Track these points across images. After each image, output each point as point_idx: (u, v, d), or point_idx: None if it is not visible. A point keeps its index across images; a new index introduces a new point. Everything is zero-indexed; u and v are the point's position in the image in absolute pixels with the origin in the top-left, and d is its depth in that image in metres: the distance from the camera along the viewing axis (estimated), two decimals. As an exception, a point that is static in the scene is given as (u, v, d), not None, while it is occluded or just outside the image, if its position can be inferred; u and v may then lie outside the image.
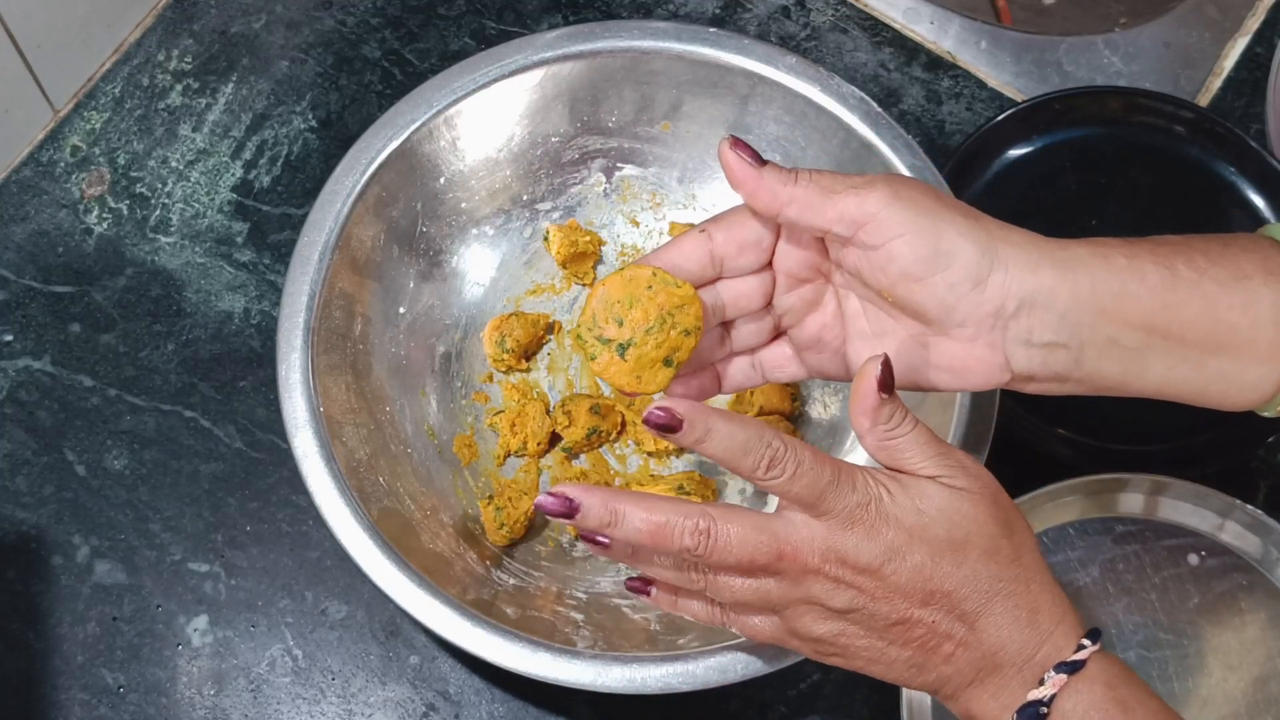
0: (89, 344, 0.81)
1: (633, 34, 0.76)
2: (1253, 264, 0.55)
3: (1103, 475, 0.74)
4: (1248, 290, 0.55)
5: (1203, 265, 0.55)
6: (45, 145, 0.86)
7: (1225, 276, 0.55)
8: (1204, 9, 0.92)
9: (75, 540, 0.77)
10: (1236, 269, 0.55)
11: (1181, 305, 0.55)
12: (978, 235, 0.55)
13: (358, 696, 0.74)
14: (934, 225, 0.54)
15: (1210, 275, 0.55)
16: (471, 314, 0.79)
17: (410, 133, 0.74)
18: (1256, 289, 0.55)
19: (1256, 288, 0.55)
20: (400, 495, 0.71)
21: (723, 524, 0.52)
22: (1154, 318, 0.55)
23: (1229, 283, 0.55)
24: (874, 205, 0.54)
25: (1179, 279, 0.55)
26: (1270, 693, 0.72)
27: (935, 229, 0.54)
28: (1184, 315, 0.55)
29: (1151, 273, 0.55)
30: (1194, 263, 0.55)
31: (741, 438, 0.51)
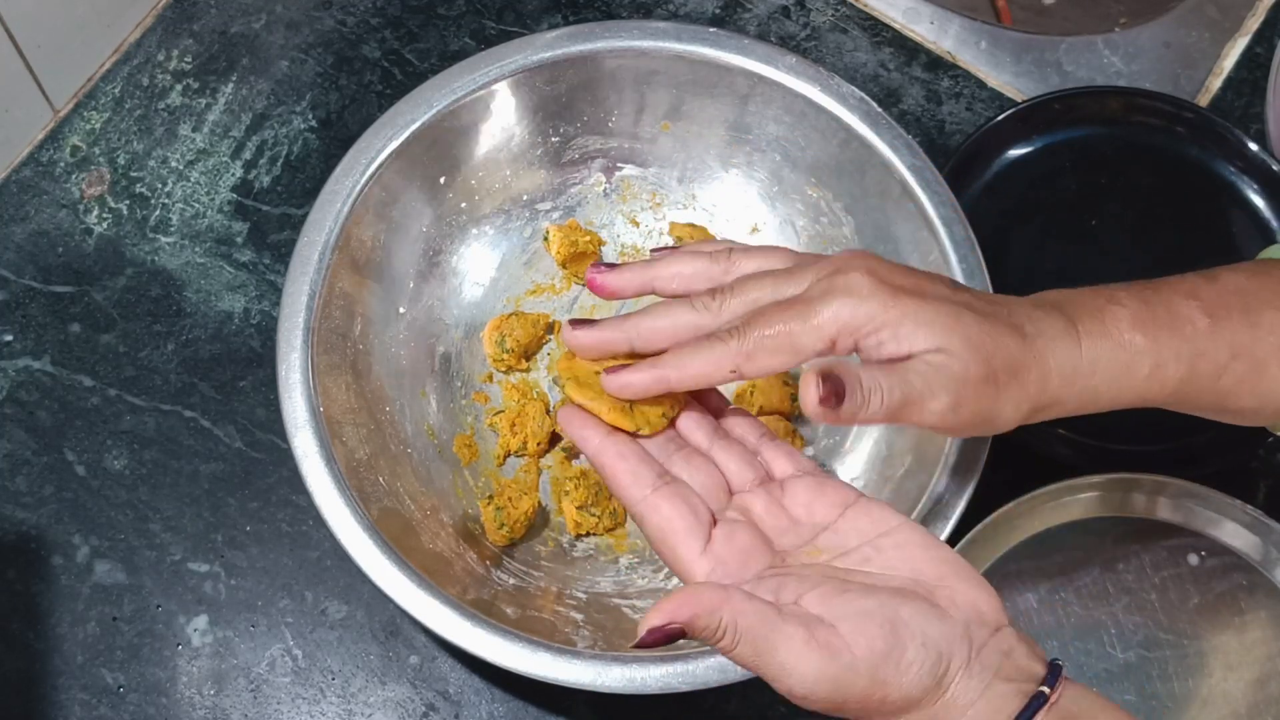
0: (89, 344, 0.81)
1: (633, 34, 0.76)
2: (1272, 346, 0.56)
3: (1103, 475, 0.74)
4: (1264, 380, 0.56)
5: (1224, 361, 0.56)
6: (45, 145, 0.86)
7: (1243, 372, 0.56)
8: (1204, 9, 0.92)
9: (75, 540, 0.77)
10: (1258, 362, 0.56)
11: (1194, 399, 0.57)
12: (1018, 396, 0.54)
13: (358, 696, 0.74)
14: (979, 416, 0.53)
15: (1230, 371, 0.56)
16: (471, 314, 0.79)
17: (410, 133, 0.74)
18: (1271, 378, 0.56)
19: (1272, 376, 0.56)
20: (400, 495, 0.71)
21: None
22: (1165, 404, 0.57)
23: (1246, 377, 0.56)
24: (935, 421, 0.52)
25: (1197, 379, 0.56)
26: (1270, 693, 0.72)
27: (982, 418, 0.53)
28: (1195, 404, 0.57)
29: (1171, 381, 0.56)
30: (1216, 360, 0.56)
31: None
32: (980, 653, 0.48)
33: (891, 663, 0.47)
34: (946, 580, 0.50)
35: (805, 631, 0.47)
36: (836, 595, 0.48)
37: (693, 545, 0.51)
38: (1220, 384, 0.56)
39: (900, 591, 0.49)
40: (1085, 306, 0.55)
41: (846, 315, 0.51)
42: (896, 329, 0.52)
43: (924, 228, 0.72)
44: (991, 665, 0.48)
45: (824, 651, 0.47)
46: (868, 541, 0.52)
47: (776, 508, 0.53)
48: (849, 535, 0.52)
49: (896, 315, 0.52)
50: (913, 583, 0.50)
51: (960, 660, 0.48)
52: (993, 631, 0.49)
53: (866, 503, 0.53)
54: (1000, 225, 0.83)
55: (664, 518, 0.51)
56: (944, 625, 0.48)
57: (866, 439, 0.75)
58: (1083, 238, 0.84)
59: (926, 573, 0.50)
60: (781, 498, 0.53)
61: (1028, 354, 0.53)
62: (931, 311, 0.52)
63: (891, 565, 0.51)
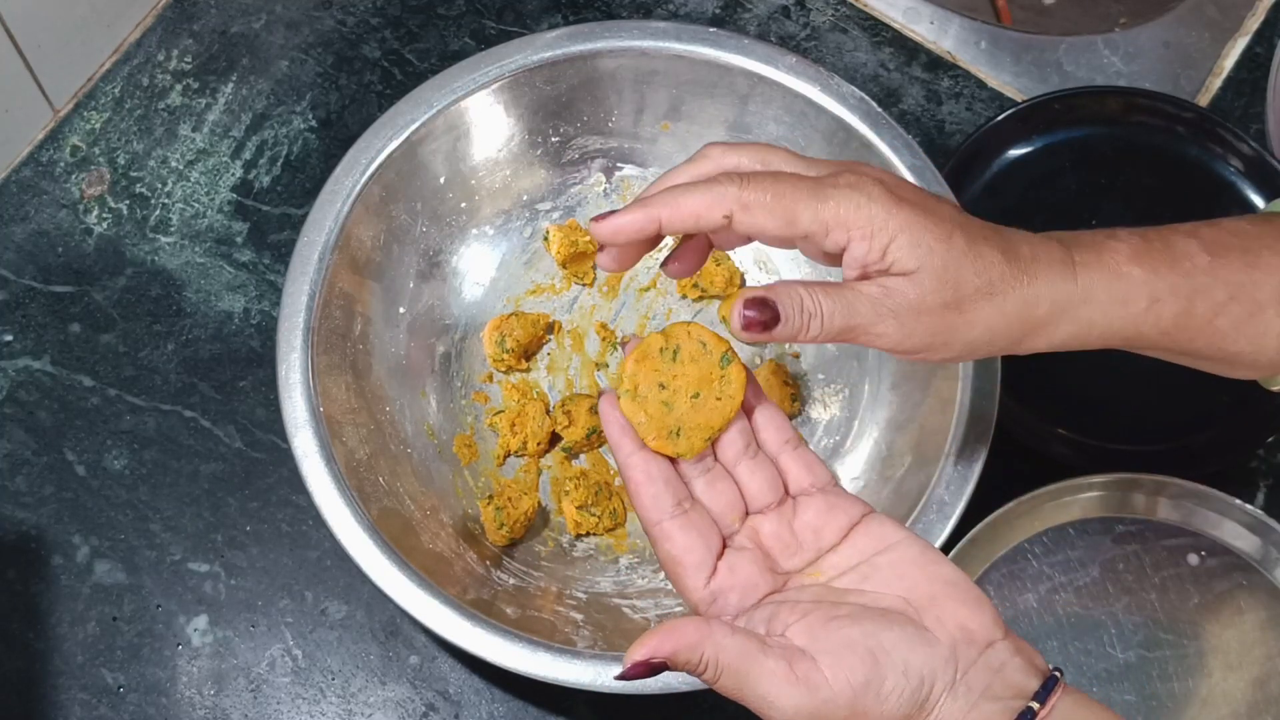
0: (89, 344, 0.81)
1: (633, 34, 0.76)
2: (1271, 291, 0.55)
3: (1103, 475, 0.74)
4: (1259, 324, 0.56)
5: (1222, 300, 0.55)
6: (45, 145, 0.86)
7: (1240, 313, 0.55)
8: (1204, 9, 0.92)
9: (75, 540, 0.77)
10: (1255, 303, 0.55)
11: (1190, 339, 0.56)
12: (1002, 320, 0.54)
13: (358, 696, 0.74)
14: (934, 340, 0.53)
15: (1226, 311, 0.55)
16: (471, 314, 0.79)
17: (410, 133, 0.74)
18: (1268, 322, 0.56)
19: (1269, 320, 0.56)
20: (400, 495, 0.71)
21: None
22: (1159, 345, 0.56)
23: (1243, 319, 0.55)
24: (884, 344, 0.53)
25: (1194, 317, 0.55)
26: (1270, 693, 0.72)
27: (939, 342, 0.53)
28: (1190, 345, 0.56)
29: (1168, 315, 0.55)
30: (1214, 298, 0.55)
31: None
32: (967, 674, 0.49)
33: (871, 693, 0.48)
34: (938, 600, 0.50)
35: (786, 667, 0.48)
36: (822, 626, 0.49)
37: (698, 579, 0.52)
38: (1216, 324, 0.55)
39: (887, 616, 0.50)
40: (1084, 240, 0.56)
41: (848, 211, 0.52)
42: (890, 239, 0.52)
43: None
44: (979, 686, 0.49)
45: (803, 686, 0.48)
46: (865, 560, 0.52)
47: (786, 531, 0.54)
48: (849, 555, 0.53)
49: (896, 226, 0.52)
50: (903, 603, 0.50)
51: (944, 684, 0.48)
52: (982, 650, 0.49)
53: (871, 519, 0.54)
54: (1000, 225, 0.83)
55: (675, 547, 0.52)
56: (928, 651, 0.49)
57: (866, 439, 0.75)
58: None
59: (919, 591, 0.51)
60: (793, 519, 0.54)
61: (1014, 276, 0.53)
62: (923, 228, 0.52)
63: (886, 583, 0.51)
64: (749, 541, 0.53)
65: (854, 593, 0.51)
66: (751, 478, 0.54)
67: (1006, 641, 0.50)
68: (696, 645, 0.48)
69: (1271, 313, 0.55)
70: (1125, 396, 0.78)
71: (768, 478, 0.54)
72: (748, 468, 0.54)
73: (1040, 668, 0.50)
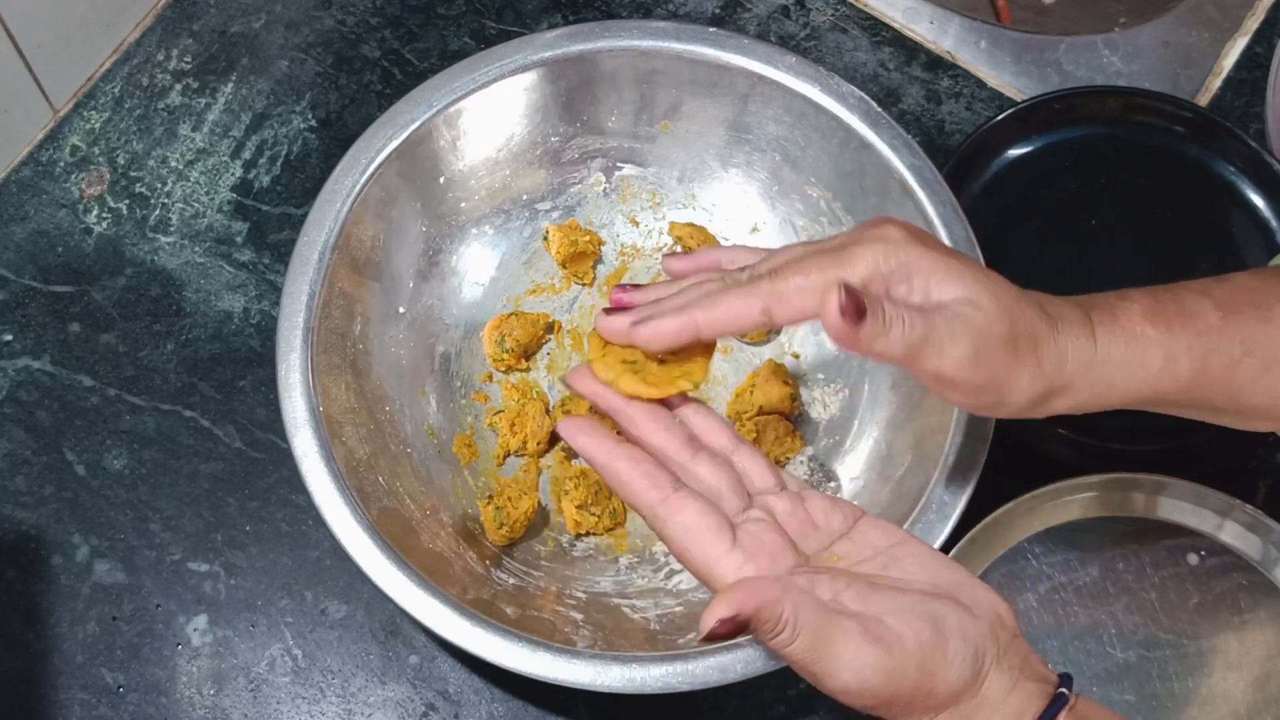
0: (89, 344, 0.81)
1: (633, 34, 0.76)
2: None
3: (1103, 475, 0.74)
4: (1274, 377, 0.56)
5: (1237, 355, 0.55)
6: (45, 145, 0.86)
7: (1256, 368, 0.56)
8: (1204, 9, 0.92)
9: (75, 540, 0.77)
10: (1269, 357, 0.56)
11: (1207, 395, 0.56)
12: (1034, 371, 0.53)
13: (357, 696, 0.74)
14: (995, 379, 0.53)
15: (1243, 367, 0.55)
16: (471, 314, 0.79)
17: (410, 133, 0.74)
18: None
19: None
20: (400, 495, 0.71)
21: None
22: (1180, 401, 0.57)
23: (1259, 374, 0.56)
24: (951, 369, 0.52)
25: (1210, 373, 0.55)
26: (1270, 692, 0.72)
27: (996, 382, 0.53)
28: (1207, 400, 0.56)
29: (1184, 374, 0.55)
30: (1229, 354, 0.55)
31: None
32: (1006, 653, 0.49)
33: (939, 653, 0.47)
34: (963, 587, 0.51)
35: (859, 625, 0.47)
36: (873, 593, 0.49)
37: (720, 542, 0.50)
38: (1233, 378, 0.56)
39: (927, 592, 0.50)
40: (1098, 302, 0.56)
41: (879, 260, 0.51)
42: (928, 277, 0.52)
43: (924, 227, 0.72)
44: (1016, 664, 0.49)
45: (880, 645, 0.47)
46: (881, 552, 0.52)
47: (801, 510, 0.53)
48: (863, 546, 0.53)
49: (929, 264, 0.52)
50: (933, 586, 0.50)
51: (992, 656, 0.49)
52: (1012, 636, 0.50)
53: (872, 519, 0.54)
54: (1000, 225, 0.83)
55: (688, 515, 0.51)
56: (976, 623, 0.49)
57: (866, 439, 0.75)
58: (1082, 238, 0.84)
59: (943, 579, 0.51)
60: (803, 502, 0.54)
61: (1048, 330, 0.53)
62: (962, 266, 0.52)
63: (910, 572, 0.51)
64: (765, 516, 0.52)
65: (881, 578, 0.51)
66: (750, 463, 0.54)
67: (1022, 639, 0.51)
68: (778, 600, 0.47)
69: None
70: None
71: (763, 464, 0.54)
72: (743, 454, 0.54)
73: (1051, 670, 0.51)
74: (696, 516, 0.51)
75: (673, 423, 0.53)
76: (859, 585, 0.49)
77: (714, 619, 0.47)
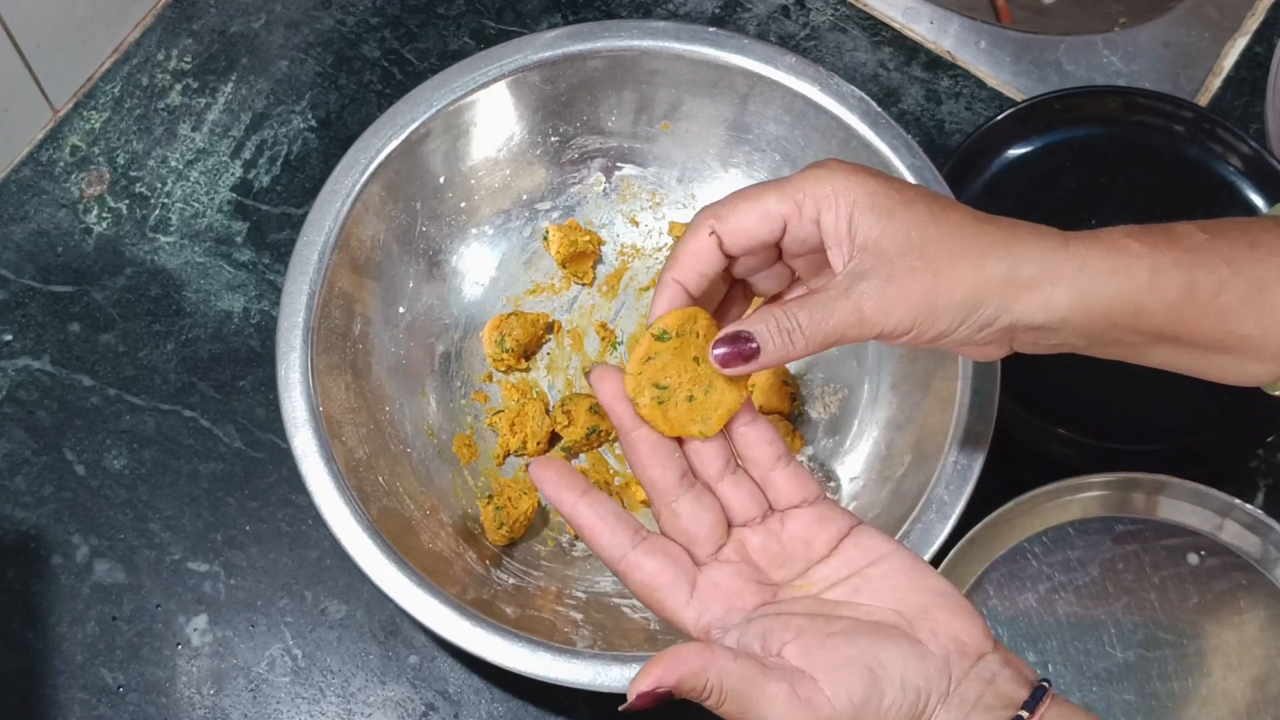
0: (88, 344, 0.81)
1: (632, 34, 0.76)
2: (1275, 267, 0.55)
3: (1102, 475, 0.74)
4: (1265, 302, 0.55)
5: (1225, 275, 0.54)
6: (45, 145, 0.86)
7: (1245, 289, 0.55)
8: (1204, 9, 0.92)
9: (75, 540, 0.77)
10: (1258, 280, 0.55)
11: (1197, 318, 0.55)
12: (983, 278, 0.53)
13: (357, 696, 0.74)
14: (933, 300, 0.53)
15: (1230, 287, 0.55)
16: (471, 314, 0.79)
17: (410, 133, 0.74)
18: (1274, 301, 0.55)
19: (1274, 300, 0.55)
20: (400, 495, 0.71)
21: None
22: (1166, 327, 0.55)
23: (1248, 296, 0.55)
24: (872, 313, 0.53)
25: (1198, 292, 0.54)
26: (1270, 692, 0.72)
27: (933, 303, 0.53)
28: (1197, 327, 0.55)
29: (1172, 288, 0.54)
30: (1216, 272, 0.54)
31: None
32: (960, 685, 0.49)
33: (871, 709, 0.48)
34: (930, 611, 0.50)
35: (788, 689, 0.48)
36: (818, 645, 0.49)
37: (679, 595, 0.52)
38: (1221, 300, 0.54)
39: (881, 630, 0.50)
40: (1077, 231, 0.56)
41: (813, 185, 0.53)
42: (849, 206, 0.52)
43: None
44: (971, 696, 0.49)
45: (805, 708, 0.48)
46: (856, 572, 0.52)
47: (774, 543, 0.53)
48: (839, 567, 0.53)
49: (855, 193, 0.52)
50: (896, 615, 0.50)
51: (939, 695, 0.49)
52: (974, 662, 0.50)
53: (861, 530, 0.53)
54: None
55: (646, 574, 0.52)
56: (923, 664, 0.49)
57: (866, 439, 0.75)
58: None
59: (911, 603, 0.51)
60: (780, 531, 0.54)
61: (991, 235, 0.53)
62: (883, 194, 0.53)
63: (878, 595, 0.51)
64: (735, 555, 0.53)
65: (846, 605, 0.51)
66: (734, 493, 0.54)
67: (996, 654, 0.50)
68: (700, 672, 0.48)
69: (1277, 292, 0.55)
70: (1125, 396, 0.78)
71: (750, 492, 0.54)
72: (730, 483, 0.54)
73: (1029, 678, 0.50)
74: (653, 575, 0.52)
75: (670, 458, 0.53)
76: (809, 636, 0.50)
77: (634, 693, 0.48)
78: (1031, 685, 0.49)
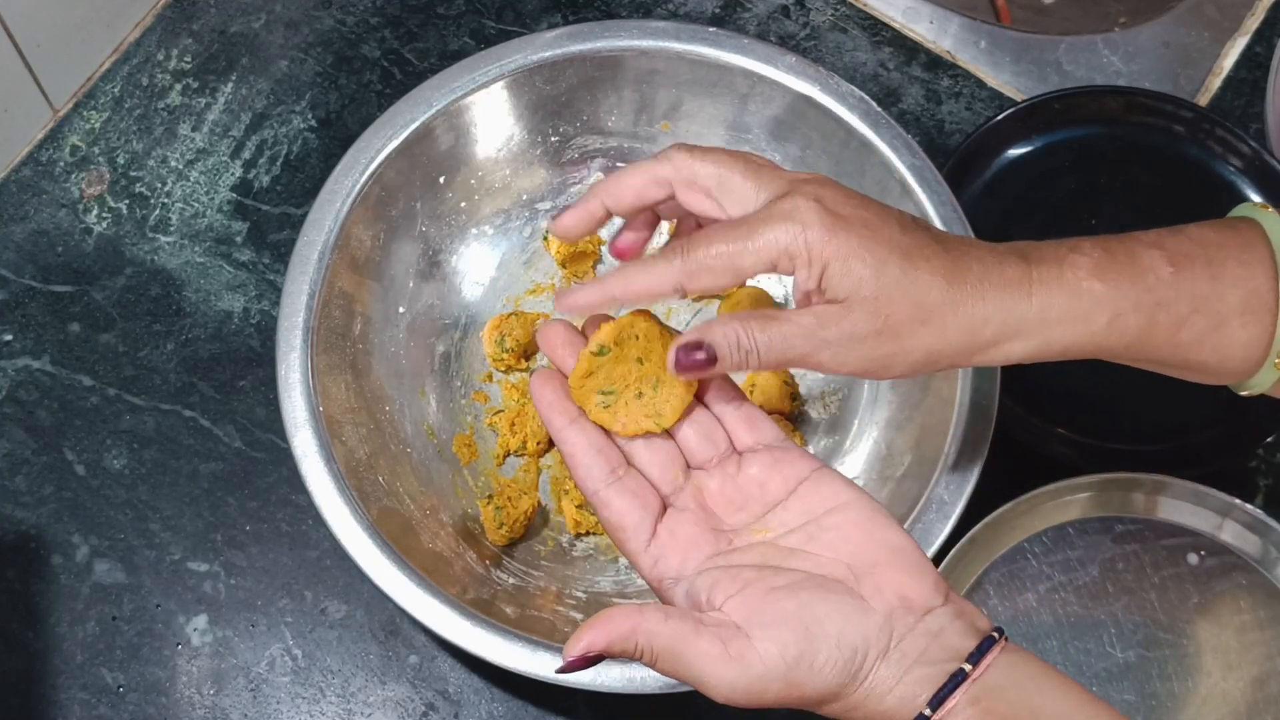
0: (88, 343, 0.81)
1: (632, 34, 0.76)
2: (1235, 302, 0.55)
3: (1102, 475, 0.74)
4: (1222, 336, 0.56)
5: (1184, 314, 0.55)
6: (45, 145, 0.86)
7: (1203, 326, 0.55)
8: (1204, 9, 0.92)
9: (75, 540, 0.77)
10: (1217, 315, 0.55)
11: (1153, 351, 0.56)
12: (943, 344, 0.54)
13: (357, 696, 0.74)
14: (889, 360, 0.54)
15: (1189, 324, 0.55)
16: (471, 314, 0.79)
17: (410, 132, 0.74)
18: (1232, 334, 0.56)
19: (1232, 332, 0.56)
20: (400, 495, 0.71)
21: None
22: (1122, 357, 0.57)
23: (1206, 331, 0.55)
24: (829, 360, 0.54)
25: (1156, 330, 0.55)
26: (1269, 692, 0.72)
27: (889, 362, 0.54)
28: (1155, 356, 0.57)
29: (1130, 330, 0.55)
30: (1175, 311, 0.55)
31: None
32: (902, 641, 0.50)
33: (804, 665, 0.49)
34: (879, 567, 0.51)
35: (720, 646, 0.49)
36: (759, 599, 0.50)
37: (638, 541, 0.53)
38: (1179, 337, 0.56)
39: (825, 585, 0.50)
40: (1047, 254, 0.56)
41: (786, 241, 0.53)
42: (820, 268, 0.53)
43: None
44: (914, 651, 0.49)
45: (737, 664, 0.49)
46: (813, 519, 0.53)
47: (731, 485, 0.55)
48: (797, 513, 0.53)
49: (828, 253, 0.52)
50: (845, 569, 0.51)
51: (878, 651, 0.49)
52: (920, 616, 0.50)
53: (821, 475, 0.54)
54: (1000, 225, 0.83)
55: (613, 512, 0.53)
56: (862, 619, 0.50)
57: (866, 439, 0.75)
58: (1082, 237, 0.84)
59: (862, 557, 0.51)
60: (737, 474, 0.55)
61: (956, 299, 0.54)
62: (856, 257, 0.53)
63: (831, 546, 0.52)
64: (691, 501, 0.54)
65: (799, 554, 0.52)
66: (691, 433, 0.55)
67: (947, 606, 0.51)
68: (629, 635, 0.50)
69: (1235, 324, 0.55)
70: (1125, 396, 0.78)
71: (706, 432, 0.55)
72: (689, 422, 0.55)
73: (981, 629, 0.50)
74: (619, 514, 0.53)
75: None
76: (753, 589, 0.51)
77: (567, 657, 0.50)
78: (981, 635, 0.50)
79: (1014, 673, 0.49)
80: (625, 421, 0.54)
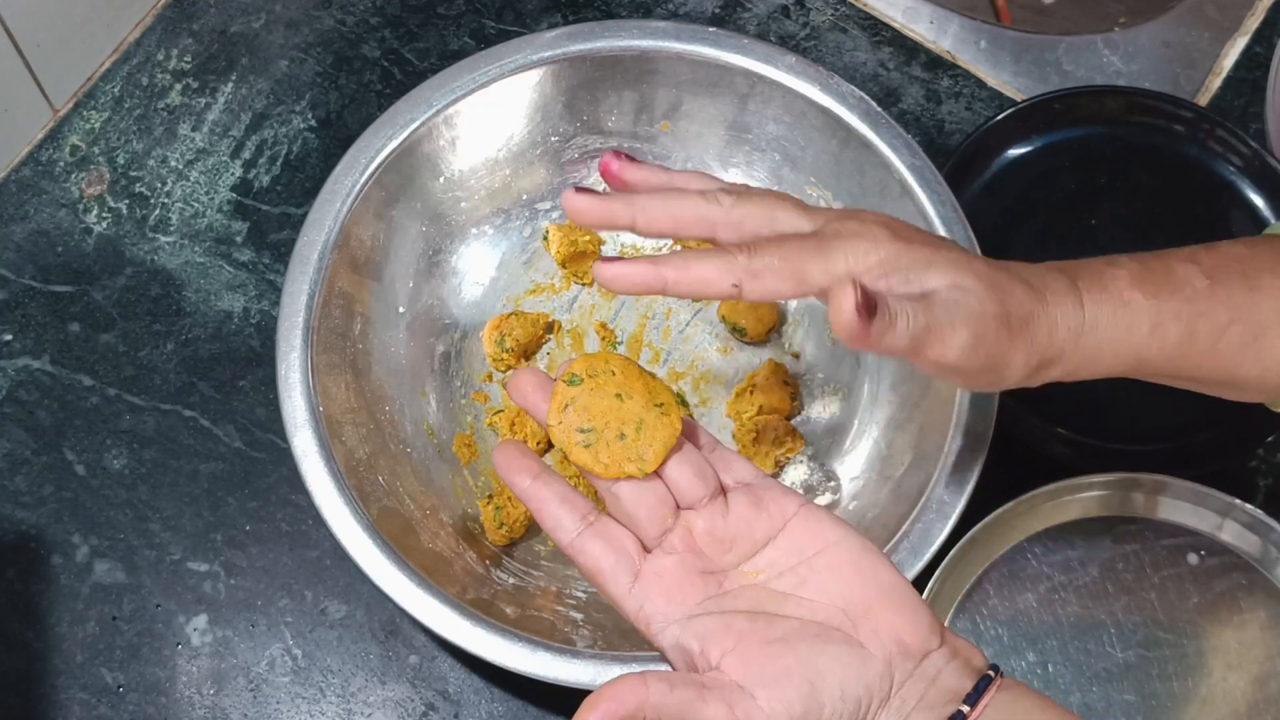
0: (88, 343, 0.81)
1: (632, 34, 0.76)
2: (1273, 313, 0.56)
3: (1103, 475, 0.74)
4: (1263, 347, 0.56)
5: (1224, 323, 0.55)
6: (45, 145, 0.86)
7: (1243, 336, 0.56)
8: (1204, 9, 0.92)
9: (74, 540, 0.77)
10: (1257, 325, 0.55)
11: (1196, 364, 0.56)
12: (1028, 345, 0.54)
13: (357, 696, 0.74)
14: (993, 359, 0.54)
15: (1229, 335, 0.55)
16: (471, 314, 0.79)
17: (410, 132, 0.74)
18: (1272, 344, 0.56)
19: (1272, 343, 0.56)
20: (400, 495, 0.71)
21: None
22: (1163, 370, 0.57)
23: (1246, 341, 0.56)
24: (954, 357, 0.53)
25: (1197, 340, 0.55)
26: (1270, 692, 0.72)
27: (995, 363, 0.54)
28: (1196, 370, 0.57)
29: (1171, 338, 0.55)
30: (1216, 320, 0.55)
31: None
32: (903, 687, 0.49)
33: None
34: (874, 610, 0.50)
35: (726, 710, 0.48)
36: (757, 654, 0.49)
37: (619, 584, 0.52)
38: (1220, 347, 0.56)
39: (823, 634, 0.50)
40: (1086, 269, 0.56)
41: (860, 257, 0.52)
42: (908, 273, 0.52)
43: (924, 227, 0.72)
44: (912, 698, 0.49)
45: None
46: (804, 561, 0.52)
47: (720, 526, 0.53)
48: (787, 553, 0.52)
49: (910, 260, 0.52)
50: (840, 614, 0.50)
51: (880, 699, 0.49)
52: (918, 661, 0.50)
53: (808, 512, 0.53)
54: (1000, 225, 0.83)
55: (589, 558, 0.52)
56: (863, 669, 0.49)
57: (866, 439, 0.75)
58: (1082, 237, 0.84)
59: (855, 600, 0.51)
60: (725, 513, 0.53)
61: (1037, 304, 0.54)
62: (945, 258, 0.53)
63: (823, 589, 0.51)
64: (679, 543, 0.53)
65: (792, 599, 0.51)
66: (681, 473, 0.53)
67: (944, 648, 0.50)
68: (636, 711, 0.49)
69: (1275, 334, 0.56)
70: (1125, 396, 0.78)
71: (697, 470, 0.53)
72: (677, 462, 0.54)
73: (977, 667, 0.50)
74: (594, 559, 0.52)
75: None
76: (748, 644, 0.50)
77: None
78: (978, 674, 0.49)
79: (1011, 709, 0.49)
80: (607, 463, 0.53)
